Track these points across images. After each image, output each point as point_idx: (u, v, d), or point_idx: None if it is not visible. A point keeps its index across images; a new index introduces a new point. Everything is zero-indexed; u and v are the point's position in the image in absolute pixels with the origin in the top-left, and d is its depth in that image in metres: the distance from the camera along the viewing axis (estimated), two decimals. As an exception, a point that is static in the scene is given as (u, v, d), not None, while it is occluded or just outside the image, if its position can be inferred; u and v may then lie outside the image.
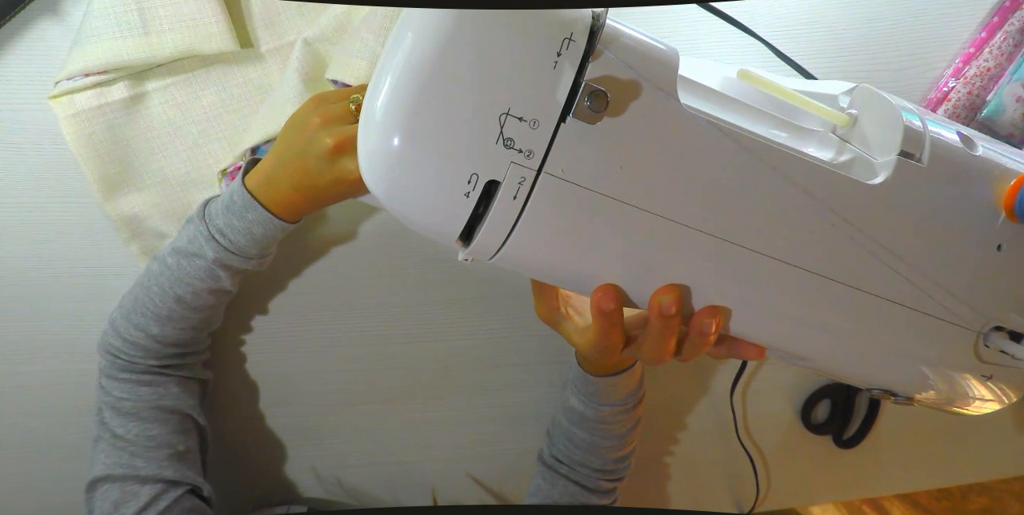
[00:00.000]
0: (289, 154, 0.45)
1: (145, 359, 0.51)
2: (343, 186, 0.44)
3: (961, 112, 0.60)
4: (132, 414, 0.50)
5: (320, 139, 0.43)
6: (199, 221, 0.48)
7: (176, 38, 0.48)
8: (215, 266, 0.47)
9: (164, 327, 0.50)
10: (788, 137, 0.45)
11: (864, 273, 0.39)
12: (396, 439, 0.66)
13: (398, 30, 0.34)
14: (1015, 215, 0.41)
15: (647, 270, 0.37)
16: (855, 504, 1.04)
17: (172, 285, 0.48)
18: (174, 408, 0.51)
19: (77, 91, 0.49)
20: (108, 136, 0.51)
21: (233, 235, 0.47)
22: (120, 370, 0.51)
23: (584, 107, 0.32)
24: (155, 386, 0.51)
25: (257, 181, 0.47)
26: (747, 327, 0.40)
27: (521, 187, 0.33)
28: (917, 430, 0.74)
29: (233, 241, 0.47)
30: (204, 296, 0.49)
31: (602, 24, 0.34)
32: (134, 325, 0.50)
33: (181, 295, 0.48)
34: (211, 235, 0.47)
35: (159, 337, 0.50)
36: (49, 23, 0.50)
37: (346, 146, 0.43)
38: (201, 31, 0.49)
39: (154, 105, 0.52)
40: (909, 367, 0.43)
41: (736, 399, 0.68)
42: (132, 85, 0.51)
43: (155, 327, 0.49)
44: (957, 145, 0.41)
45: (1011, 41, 0.59)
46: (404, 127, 0.33)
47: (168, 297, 0.48)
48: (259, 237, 0.47)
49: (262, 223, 0.46)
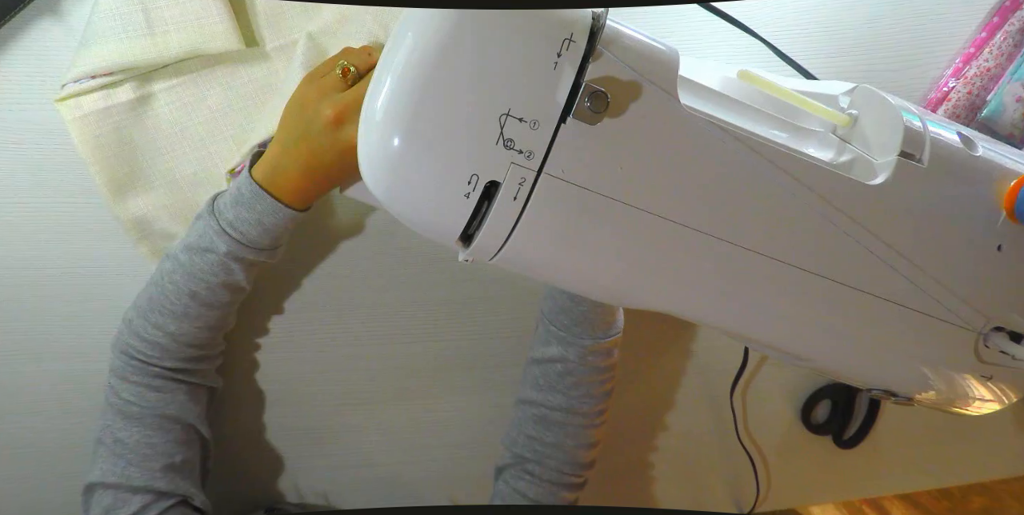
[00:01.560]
0: (292, 138, 0.45)
1: (162, 360, 0.50)
2: (350, 156, 0.42)
3: (961, 112, 0.60)
4: (136, 419, 0.50)
5: (320, 113, 0.43)
6: (209, 216, 0.48)
7: (181, 38, 0.48)
8: (228, 259, 0.47)
9: (182, 324, 0.49)
10: (788, 137, 0.45)
11: (864, 273, 0.39)
12: (396, 439, 0.66)
13: (398, 30, 0.34)
14: (1015, 215, 0.41)
15: (647, 270, 0.37)
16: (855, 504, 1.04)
17: (186, 281, 0.48)
18: (179, 417, 0.51)
19: (83, 93, 0.49)
20: (115, 138, 0.51)
21: (244, 227, 0.47)
22: (134, 372, 0.50)
23: (584, 108, 0.32)
24: (164, 393, 0.51)
25: (264, 171, 0.47)
26: (748, 327, 0.40)
27: (521, 188, 0.33)
28: (917, 430, 0.74)
29: (244, 233, 0.47)
30: (219, 291, 0.49)
31: (602, 24, 0.34)
32: (152, 323, 0.49)
33: (196, 291, 0.48)
34: (222, 229, 0.47)
35: (177, 335, 0.50)
36: (49, 23, 0.50)
37: (346, 113, 0.43)
38: (206, 31, 0.48)
39: (160, 106, 0.52)
40: (909, 367, 0.43)
41: (736, 399, 0.68)
42: (138, 86, 0.51)
43: (172, 324, 0.49)
44: (957, 145, 0.41)
45: (1011, 41, 0.59)
46: (404, 127, 0.33)
47: (183, 293, 0.48)
48: (270, 227, 0.47)
49: (272, 213, 0.46)
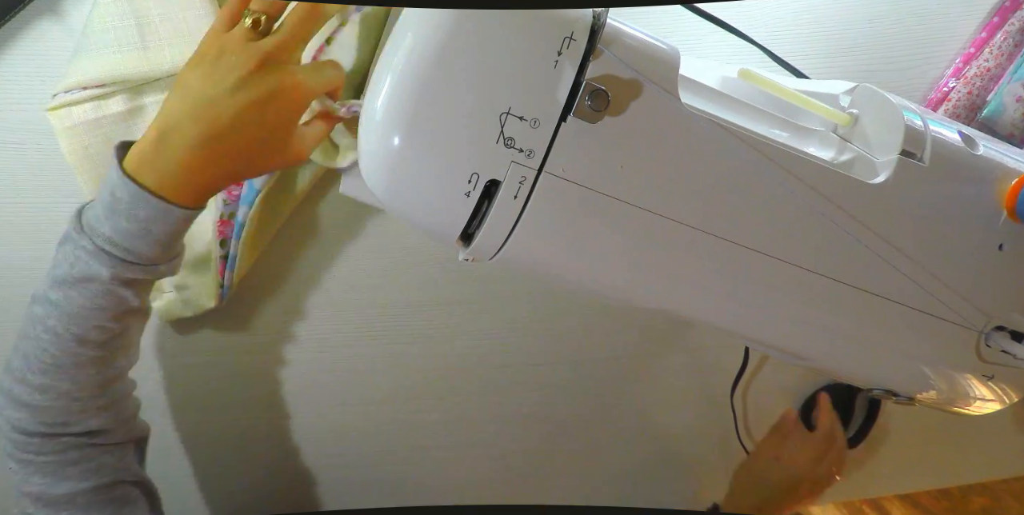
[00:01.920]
0: (184, 110, 0.37)
1: (67, 425, 0.40)
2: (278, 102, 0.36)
3: (961, 112, 0.60)
4: (65, 504, 0.41)
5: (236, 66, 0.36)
6: (78, 235, 0.38)
7: (175, 53, 0.48)
8: (115, 285, 0.38)
9: (76, 378, 0.40)
10: (789, 137, 0.45)
11: (865, 272, 0.39)
12: (396, 439, 0.66)
13: (398, 30, 0.34)
14: (1016, 215, 0.41)
15: (648, 270, 0.37)
16: (855, 504, 1.04)
17: (67, 325, 0.38)
18: (113, 482, 0.42)
19: (75, 104, 0.49)
20: (104, 148, 0.51)
21: (126, 241, 0.37)
22: (37, 451, 0.40)
23: (585, 106, 0.32)
24: (85, 462, 0.41)
25: (139, 160, 0.37)
26: (749, 326, 0.40)
27: (522, 187, 0.33)
28: (917, 430, 0.74)
29: (129, 249, 0.37)
30: (111, 325, 0.39)
31: (603, 23, 0.34)
32: (36, 387, 0.39)
33: (81, 334, 0.39)
34: (99, 248, 0.37)
35: (74, 392, 0.40)
36: (49, 23, 0.50)
37: (269, 61, 0.36)
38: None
39: (151, 118, 0.52)
40: (910, 367, 0.43)
41: (736, 399, 0.68)
42: (129, 98, 0.51)
43: (64, 382, 0.39)
44: (958, 144, 0.41)
45: (1011, 41, 0.59)
46: (404, 127, 0.33)
47: (67, 340, 0.38)
48: (159, 236, 0.38)
49: (160, 217, 0.37)
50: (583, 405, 0.67)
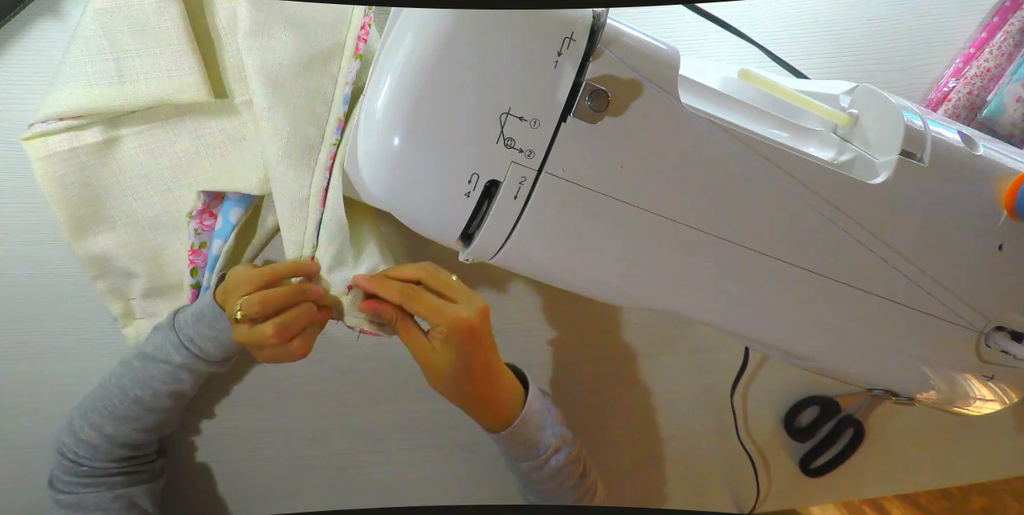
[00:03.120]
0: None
1: (92, 461, 0.52)
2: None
3: (961, 112, 0.60)
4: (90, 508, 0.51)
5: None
6: (169, 330, 0.50)
7: (151, 87, 0.48)
8: (180, 370, 0.50)
9: (120, 427, 0.51)
10: (789, 137, 0.45)
11: (865, 273, 0.39)
12: (396, 439, 0.66)
13: (398, 30, 0.34)
14: (1015, 212, 0.41)
15: (647, 269, 0.37)
16: (855, 504, 1.04)
17: (133, 386, 0.50)
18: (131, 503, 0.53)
19: (50, 134, 0.49)
20: (79, 178, 0.51)
21: (203, 342, 0.49)
22: (65, 471, 0.52)
23: (585, 106, 0.32)
24: (99, 488, 0.52)
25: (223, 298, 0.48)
26: (749, 326, 0.40)
27: (522, 187, 0.33)
28: (917, 430, 0.74)
29: (203, 348, 0.49)
30: (163, 398, 0.51)
31: (603, 24, 0.34)
32: (90, 424, 0.51)
33: (140, 396, 0.50)
34: (181, 343, 0.49)
35: (113, 437, 0.51)
36: (49, 23, 0.50)
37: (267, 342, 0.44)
38: (176, 82, 0.48)
39: (127, 149, 0.52)
40: (910, 367, 0.43)
41: (736, 399, 0.68)
42: (106, 129, 0.51)
43: (110, 426, 0.51)
44: (958, 144, 0.41)
45: (1011, 41, 0.59)
46: (404, 127, 0.33)
47: (127, 397, 0.50)
48: (226, 343, 0.49)
49: (231, 331, 0.47)
50: (583, 405, 0.67)
